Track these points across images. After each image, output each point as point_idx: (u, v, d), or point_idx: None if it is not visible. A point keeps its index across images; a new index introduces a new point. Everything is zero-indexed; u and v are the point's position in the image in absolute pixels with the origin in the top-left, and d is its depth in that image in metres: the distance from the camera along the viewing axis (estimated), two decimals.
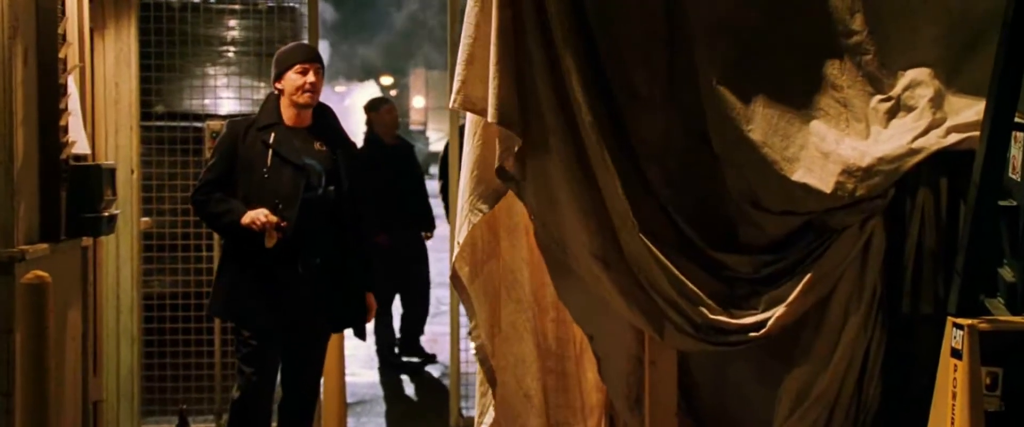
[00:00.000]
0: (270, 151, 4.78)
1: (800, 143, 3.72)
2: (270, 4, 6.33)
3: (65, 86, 4.83)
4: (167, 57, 6.21)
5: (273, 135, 4.80)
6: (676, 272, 3.72)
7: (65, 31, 4.88)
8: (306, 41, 6.06)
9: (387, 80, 36.60)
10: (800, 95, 3.77)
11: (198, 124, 6.14)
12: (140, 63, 6.08)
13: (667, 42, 3.81)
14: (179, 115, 6.19)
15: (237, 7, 6.34)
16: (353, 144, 5.15)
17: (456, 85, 3.83)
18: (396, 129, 8.20)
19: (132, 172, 5.99)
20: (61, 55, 4.78)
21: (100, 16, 5.92)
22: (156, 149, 6.12)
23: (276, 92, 4.93)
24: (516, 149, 3.72)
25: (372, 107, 8.12)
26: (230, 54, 6.23)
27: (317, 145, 4.91)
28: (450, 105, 3.94)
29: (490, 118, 3.65)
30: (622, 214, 3.69)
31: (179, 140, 6.20)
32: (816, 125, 3.74)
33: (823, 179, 3.67)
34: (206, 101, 6.21)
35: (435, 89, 34.31)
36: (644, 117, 3.80)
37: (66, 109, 4.81)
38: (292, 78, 4.85)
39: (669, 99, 3.82)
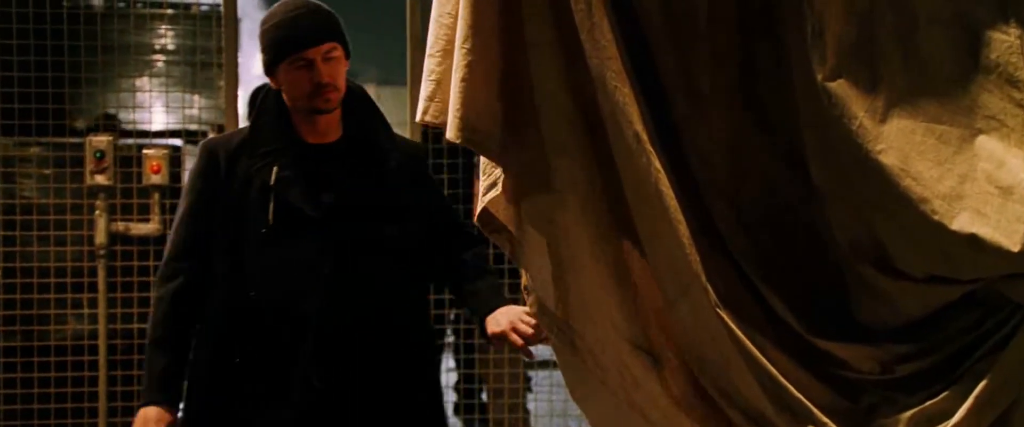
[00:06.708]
0: (272, 196, 3.10)
1: (962, 171, 2.50)
2: (204, 8, 5.58)
3: None
4: (86, 65, 5.31)
5: (276, 169, 3.11)
6: (771, 369, 2.50)
7: None
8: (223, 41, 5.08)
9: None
10: (957, 98, 2.55)
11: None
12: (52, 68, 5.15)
13: (739, 22, 2.60)
14: (100, 130, 5.46)
15: (169, 12, 5.65)
16: (422, 148, 3.56)
17: (427, 88, 2.61)
18: None
19: None
20: None
21: None
22: (71, 173, 5.24)
23: (273, 87, 3.22)
24: (502, 181, 2.57)
25: None
26: (160, 64, 5.64)
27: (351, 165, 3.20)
28: (417, 117, 2.66)
29: (450, 133, 2.52)
30: (686, 278, 2.48)
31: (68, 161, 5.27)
32: (986, 143, 2.51)
33: (1004, 228, 2.45)
34: (135, 114, 5.46)
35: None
36: (705, 132, 2.61)
37: None
38: (289, 75, 3.13)
39: (742, 105, 2.62)
